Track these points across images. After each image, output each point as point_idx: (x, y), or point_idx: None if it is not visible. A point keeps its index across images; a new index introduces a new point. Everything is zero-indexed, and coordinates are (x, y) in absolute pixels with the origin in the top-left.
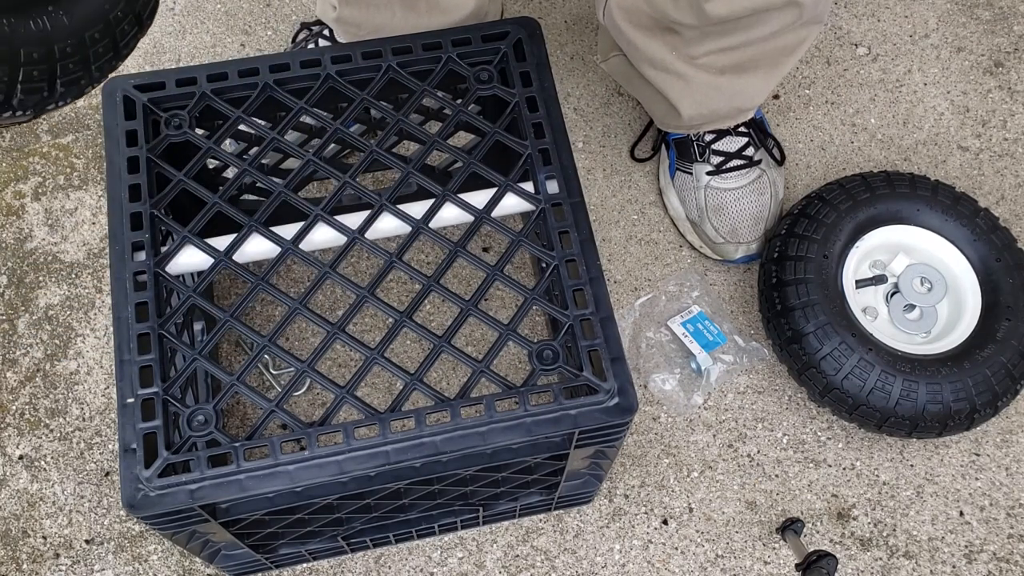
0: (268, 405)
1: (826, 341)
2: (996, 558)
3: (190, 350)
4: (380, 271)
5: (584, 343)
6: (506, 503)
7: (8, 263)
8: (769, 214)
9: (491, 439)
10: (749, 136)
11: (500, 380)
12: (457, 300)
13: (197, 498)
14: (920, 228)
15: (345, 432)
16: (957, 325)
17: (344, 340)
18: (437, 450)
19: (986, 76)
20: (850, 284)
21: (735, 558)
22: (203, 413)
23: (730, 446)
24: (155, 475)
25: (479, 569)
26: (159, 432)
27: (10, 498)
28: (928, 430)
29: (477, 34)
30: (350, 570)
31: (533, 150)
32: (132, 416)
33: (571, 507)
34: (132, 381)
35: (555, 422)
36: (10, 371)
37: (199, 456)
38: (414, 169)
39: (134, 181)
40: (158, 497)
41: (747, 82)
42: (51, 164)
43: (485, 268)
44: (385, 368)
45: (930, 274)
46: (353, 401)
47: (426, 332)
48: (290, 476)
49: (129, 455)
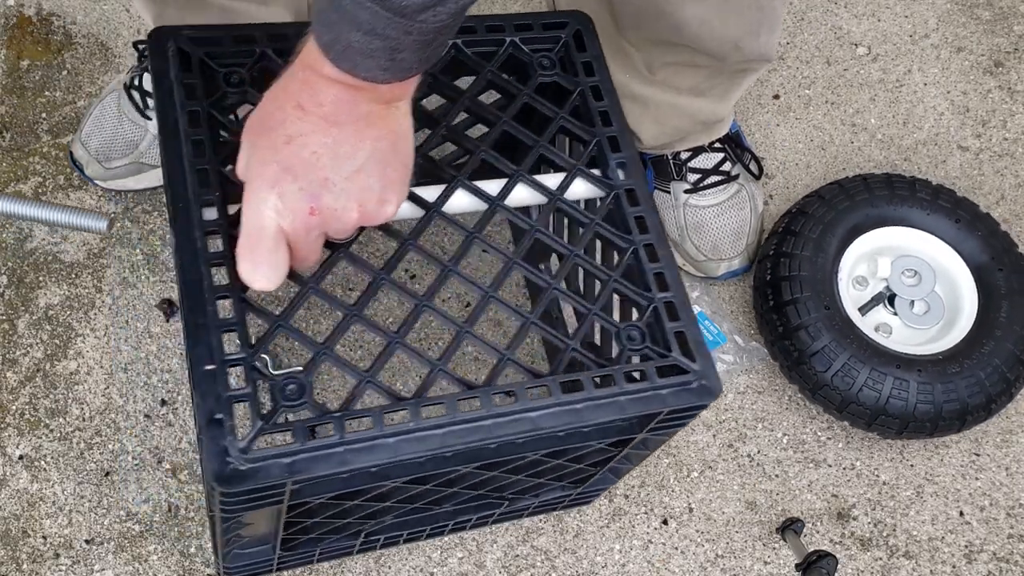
0: (362, 376)
1: (818, 337)
2: (996, 558)
3: (273, 315)
4: (460, 248)
5: (670, 325)
6: (528, 498)
7: (8, 263)
8: (750, 228)
9: (587, 417)
10: (725, 151)
11: (591, 359)
12: (543, 279)
13: (294, 471)
14: (915, 229)
15: (449, 405)
16: (953, 326)
17: (433, 310)
18: (535, 426)
19: (986, 76)
20: (846, 284)
21: (735, 558)
22: (296, 382)
23: (730, 446)
24: (249, 446)
25: (479, 569)
26: (250, 400)
27: (10, 498)
28: (918, 430)
29: (538, 21)
30: (350, 570)
31: (602, 137)
32: (214, 384)
33: (572, 507)
34: (211, 346)
35: (647, 402)
36: (10, 371)
37: (297, 426)
38: (486, 147)
39: (197, 136)
40: (251, 471)
41: (706, 103)
42: (51, 164)
43: (566, 249)
44: (476, 342)
45: (915, 264)
46: (448, 374)
47: (512, 311)
48: (392, 448)
49: (214, 426)
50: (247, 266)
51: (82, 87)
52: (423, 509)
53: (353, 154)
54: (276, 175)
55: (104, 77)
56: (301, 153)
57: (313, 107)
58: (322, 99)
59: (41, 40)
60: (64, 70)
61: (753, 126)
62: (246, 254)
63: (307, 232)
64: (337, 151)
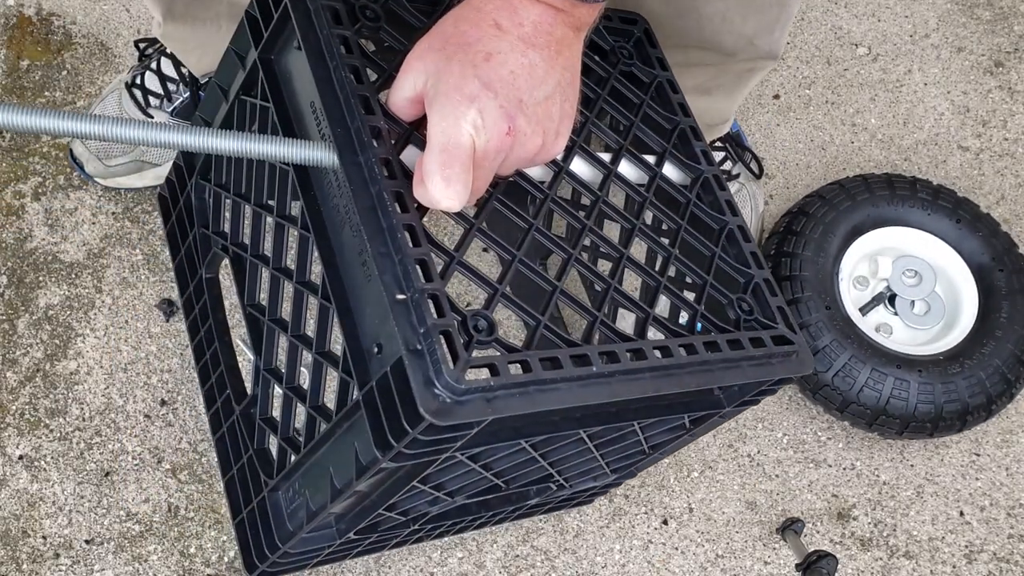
0: (538, 319)
1: (818, 337)
2: (996, 558)
3: (451, 252)
4: (590, 209)
5: (773, 299)
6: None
7: (8, 263)
8: (750, 228)
9: (720, 378)
10: (726, 150)
11: (715, 324)
12: (662, 246)
13: (495, 409)
14: (915, 230)
15: (617, 354)
16: (954, 327)
17: (580, 263)
18: (682, 384)
19: (986, 76)
20: (847, 284)
21: (735, 558)
22: (484, 318)
23: (730, 446)
24: (460, 378)
25: (479, 569)
26: (453, 331)
27: (10, 498)
28: (919, 430)
29: (616, 14)
30: (350, 570)
31: (685, 126)
32: (411, 314)
33: (573, 507)
34: (403, 276)
35: (762, 368)
36: (10, 371)
37: (499, 361)
38: (590, 122)
39: (353, 62)
40: (455, 405)
41: (711, 102)
42: (51, 164)
43: (675, 223)
44: (619, 300)
45: (915, 264)
46: (608, 326)
47: (645, 272)
48: (573, 393)
49: (416, 356)
50: (438, 183)
51: (82, 87)
52: (491, 491)
53: (545, 79)
54: (476, 90)
55: (104, 77)
56: (500, 71)
57: (512, 27)
58: (522, 19)
59: (41, 40)
60: (64, 70)
61: (753, 126)
62: (439, 169)
63: (497, 153)
64: (533, 73)
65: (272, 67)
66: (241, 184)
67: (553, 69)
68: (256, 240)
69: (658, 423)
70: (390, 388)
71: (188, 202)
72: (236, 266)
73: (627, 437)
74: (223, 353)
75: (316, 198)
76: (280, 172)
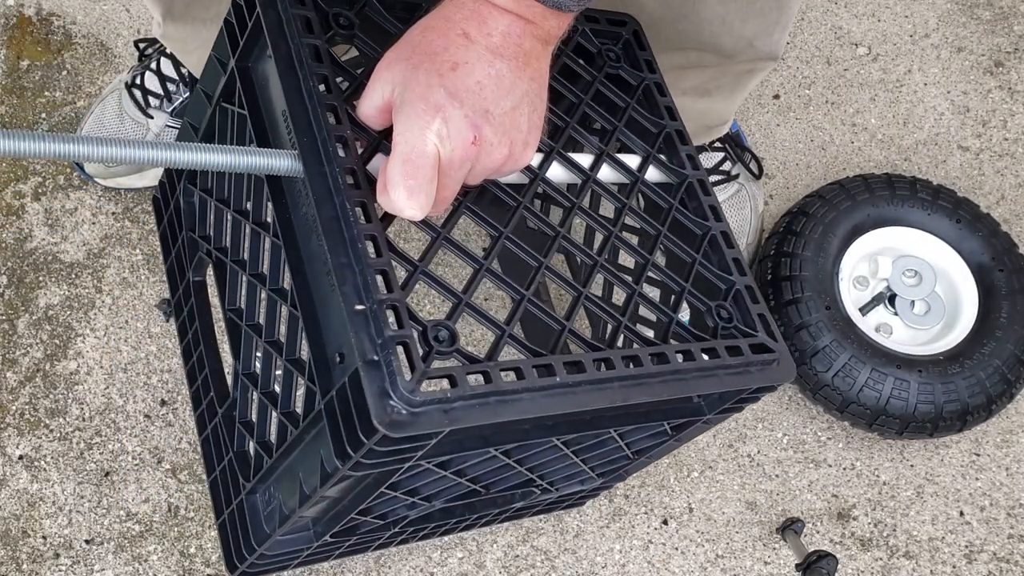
0: (503, 328)
1: (818, 337)
2: (996, 558)
3: (415, 262)
4: (563, 218)
5: (754, 307)
6: (543, 494)
7: (8, 263)
8: (750, 228)
9: (694, 387)
10: (726, 151)
11: (692, 333)
12: (640, 253)
13: (453, 420)
14: (915, 230)
15: (583, 364)
16: (954, 327)
17: (551, 272)
18: (652, 394)
19: (986, 76)
20: (847, 284)
21: (735, 558)
22: (446, 329)
23: (730, 446)
24: (416, 389)
25: (479, 569)
26: (411, 342)
27: (10, 498)
28: (919, 430)
29: (603, 15)
30: (350, 570)
31: (671, 129)
32: (368, 325)
33: (567, 508)
34: (361, 287)
35: (740, 377)
36: (10, 371)
37: (458, 372)
38: (571, 126)
39: (321, 71)
40: (411, 417)
41: (710, 103)
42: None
43: (655, 229)
44: (590, 307)
45: (915, 264)
46: (576, 335)
47: (619, 280)
48: (536, 403)
49: (371, 368)
50: (401, 193)
51: (82, 87)
52: (472, 495)
53: (512, 90)
54: (442, 100)
55: (104, 77)
56: (467, 80)
57: (480, 36)
58: (491, 29)
59: (41, 40)
60: (64, 70)
61: (753, 126)
62: (402, 180)
63: (462, 163)
64: (500, 83)
65: (249, 75)
66: (223, 190)
67: (520, 80)
68: (236, 245)
69: (636, 430)
70: (348, 399)
71: (177, 205)
72: (218, 270)
73: (607, 443)
74: (208, 356)
75: (287, 206)
76: (256, 179)
